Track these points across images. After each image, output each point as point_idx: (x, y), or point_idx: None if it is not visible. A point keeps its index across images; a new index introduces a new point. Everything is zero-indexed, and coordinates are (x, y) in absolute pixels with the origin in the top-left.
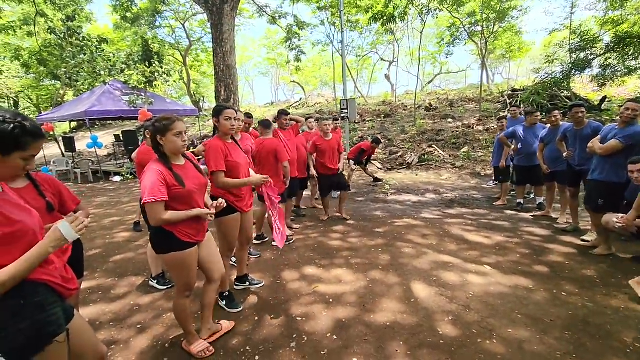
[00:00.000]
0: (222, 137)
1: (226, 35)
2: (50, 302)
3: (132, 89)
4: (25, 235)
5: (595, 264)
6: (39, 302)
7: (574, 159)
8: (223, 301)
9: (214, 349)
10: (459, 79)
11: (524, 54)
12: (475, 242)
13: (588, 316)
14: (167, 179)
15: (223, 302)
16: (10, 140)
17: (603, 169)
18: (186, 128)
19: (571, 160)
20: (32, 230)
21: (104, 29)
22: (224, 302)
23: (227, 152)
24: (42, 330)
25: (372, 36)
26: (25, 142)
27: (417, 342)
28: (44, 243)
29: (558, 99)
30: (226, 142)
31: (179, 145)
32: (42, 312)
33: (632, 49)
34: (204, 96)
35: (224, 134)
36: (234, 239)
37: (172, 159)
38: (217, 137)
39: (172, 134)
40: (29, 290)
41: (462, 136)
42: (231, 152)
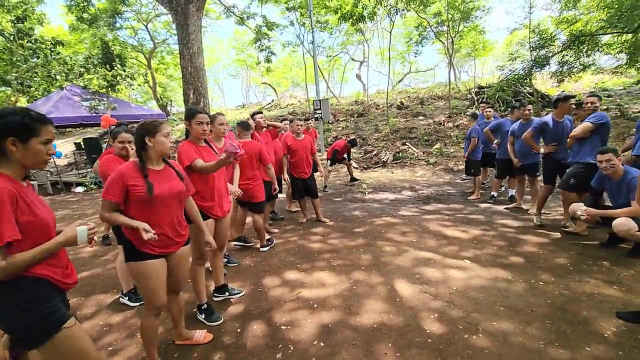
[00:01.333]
0: (193, 141)
1: (192, 36)
2: (50, 296)
3: (92, 94)
4: (42, 227)
5: (566, 252)
6: (40, 296)
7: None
8: (202, 314)
9: None
10: (428, 77)
11: (488, 52)
12: (454, 237)
13: (565, 304)
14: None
15: (202, 315)
16: (23, 128)
17: (578, 152)
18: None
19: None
20: (47, 223)
21: (58, 31)
22: (203, 315)
23: (199, 153)
24: (44, 320)
25: (342, 36)
26: (36, 127)
27: (405, 343)
28: (59, 240)
29: (521, 94)
30: (198, 145)
31: (168, 145)
32: (42, 305)
33: (586, 46)
34: (171, 100)
35: (196, 139)
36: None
37: (151, 163)
38: (188, 141)
39: (162, 135)
40: (31, 285)
41: (434, 133)
42: (203, 154)
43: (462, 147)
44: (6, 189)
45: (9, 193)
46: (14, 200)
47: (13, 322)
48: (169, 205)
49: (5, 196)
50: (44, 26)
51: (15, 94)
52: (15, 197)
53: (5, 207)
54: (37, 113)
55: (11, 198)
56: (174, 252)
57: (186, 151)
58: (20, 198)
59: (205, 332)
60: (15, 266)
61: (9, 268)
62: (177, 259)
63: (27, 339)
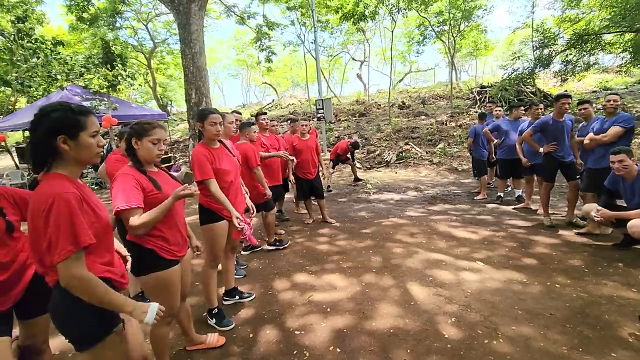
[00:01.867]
0: (207, 143)
1: (195, 35)
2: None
3: (93, 94)
4: (104, 228)
5: (580, 253)
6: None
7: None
8: (212, 319)
9: None
10: (428, 77)
11: (489, 52)
12: (464, 238)
13: (585, 307)
14: (143, 183)
15: (213, 320)
16: (69, 123)
17: (603, 156)
18: (166, 138)
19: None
20: (108, 224)
21: (58, 31)
22: (214, 320)
23: (212, 159)
24: (100, 322)
25: (343, 36)
26: (82, 120)
27: (424, 349)
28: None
29: (524, 94)
30: (212, 148)
31: (154, 154)
32: (102, 307)
33: (590, 45)
34: (171, 100)
35: (209, 140)
36: (220, 248)
37: (147, 165)
38: (201, 144)
39: (149, 140)
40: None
41: (437, 133)
42: (217, 158)
43: (465, 146)
44: (72, 192)
45: (75, 196)
46: (80, 202)
47: (72, 322)
48: (177, 205)
49: (72, 199)
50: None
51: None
52: (81, 200)
53: (75, 211)
54: (77, 105)
55: (78, 200)
56: (184, 255)
57: (200, 164)
58: (84, 200)
59: (217, 335)
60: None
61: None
62: (185, 262)
63: (79, 341)
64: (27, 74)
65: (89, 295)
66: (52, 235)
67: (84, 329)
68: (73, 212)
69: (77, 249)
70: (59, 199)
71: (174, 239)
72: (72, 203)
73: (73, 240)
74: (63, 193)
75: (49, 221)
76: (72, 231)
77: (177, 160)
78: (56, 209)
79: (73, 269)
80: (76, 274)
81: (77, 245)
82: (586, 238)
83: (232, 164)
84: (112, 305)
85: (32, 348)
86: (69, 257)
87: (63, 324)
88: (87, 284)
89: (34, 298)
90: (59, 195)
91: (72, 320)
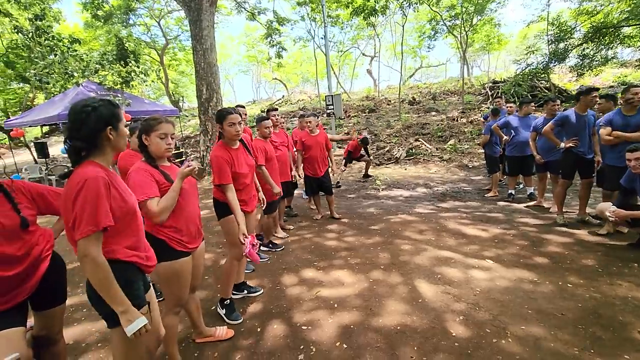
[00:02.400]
0: (227, 143)
1: (206, 32)
2: (137, 279)
3: (107, 90)
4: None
5: (593, 252)
6: (129, 279)
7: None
8: (223, 309)
9: None
10: (439, 72)
11: (502, 46)
12: (473, 236)
13: (597, 308)
14: (156, 176)
15: (223, 310)
16: (115, 115)
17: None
18: (174, 132)
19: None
20: (135, 209)
21: (74, 29)
22: (224, 310)
23: (231, 161)
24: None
25: (353, 31)
26: (120, 113)
27: (431, 347)
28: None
29: (538, 89)
30: (231, 149)
31: (162, 147)
32: (130, 287)
33: (608, 38)
34: (183, 96)
35: (230, 140)
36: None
37: (158, 160)
38: (221, 145)
39: (156, 135)
40: (123, 267)
41: (448, 129)
42: (235, 161)
43: (477, 143)
44: (102, 177)
45: (104, 181)
46: (108, 187)
47: (102, 300)
48: (191, 196)
49: (101, 184)
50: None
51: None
52: (109, 185)
53: (102, 195)
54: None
55: (106, 186)
56: (198, 247)
57: (219, 168)
58: (112, 186)
59: (226, 328)
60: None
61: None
62: (198, 254)
63: (109, 318)
64: (44, 70)
65: (94, 277)
66: (77, 214)
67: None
68: (99, 196)
69: (97, 230)
70: (89, 182)
71: (186, 231)
72: (100, 187)
73: (94, 222)
74: (94, 177)
75: (77, 202)
76: (95, 213)
77: (188, 156)
78: (85, 191)
79: (89, 248)
80: (91, 252)
81: (97, 226)
82: (600, 237)
83: (249, 166)
84: (110, 296)
85: (47, 338)
86: (89, 235)
87: (95, 301)
88: (96, 265)
89: (48, 290)
90: (90, 179)
91: (101, 298)
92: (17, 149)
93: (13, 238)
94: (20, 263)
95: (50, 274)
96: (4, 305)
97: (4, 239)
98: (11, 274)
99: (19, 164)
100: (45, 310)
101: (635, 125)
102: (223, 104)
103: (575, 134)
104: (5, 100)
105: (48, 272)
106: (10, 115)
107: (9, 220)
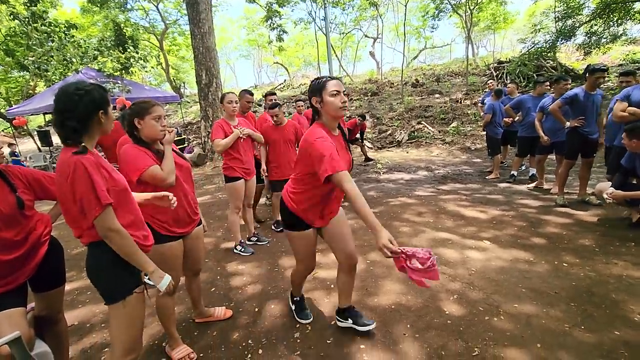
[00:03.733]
0: (226, 118)
1: (203, 15)
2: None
3: (107, 77)
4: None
5: (592, 232)
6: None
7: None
8: (239, 247)
9: (195, 355)
10: (444, 53)
11: (508, 25)
12: (472, 218)
13: (591, 286)
14: (148, 153)
15: (238, 248)
16: (106, 99)
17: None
18: (165, 115)
19: (586, 128)
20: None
21: (71, 14)
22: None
23: (225, 129)
24: (126, 280)
25: (355, 12)
26: (108, 98)
27: (424, 324)
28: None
29: (544, 69)
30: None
31: (158, 129)
32: (129, 266)
33: (617, 14)
34: (184, 82)
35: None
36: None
37: (151, 144)
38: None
39: (151, 117)
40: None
41: (451, 111)
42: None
43: (480, 125)
44: (88, 158)
45: (91, 162)
46: (98, 168)
47: (101, 277)
48: (182, 181)
49: (90, 165)
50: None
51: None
52: (98, 166)
53: (94, 175)
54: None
55: (95, 166)
56: (190, 232)
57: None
58: (101, 166)
59: (224, 309)
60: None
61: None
62: (193, 239)
63: (106, 294)
64: (43, 57)
65: (121, 246)
66: (81, 200)
67: (110, 285)
68: (92, 176)
69: (103, 208)
70: (79, 165)
71: (173, 216)
72: (89, 167)
73: (97, 202)
74: (81, 158)
75: (75, 188)
76: (95, 192)
77: (190, 142)
78: (78, 175)
79: (108, 223)
80: (111, 226)
81: (101, 205)
82: (600, 218)
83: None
84: (138, 261)
85: (48, 318)
86: (101, 213)
87: (94, 278)
88: (120, 235)
89: (47, 272)
90: (78, 162)
91: (100, 276)
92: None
93: (12, 223)
94: (18, 248)
95: (49, 258)
96: (4, 287)
97: (3, 223)
98: (11, 257)
99: (23, 152)
100: (44, 292)
101: None
102: (224, 89)
103: (582, 113)
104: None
105: (47, 256)
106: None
107: (7, 205)
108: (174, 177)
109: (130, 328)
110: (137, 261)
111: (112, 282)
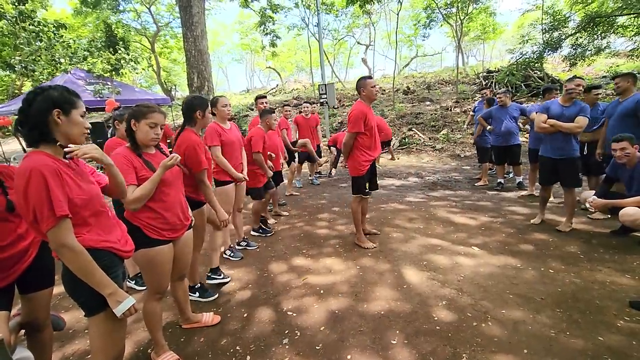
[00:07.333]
0: (220, 122)
1: (196, 18)
2: (113, 265)
3: (97, 78)
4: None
5: (577, 240)
6: (105, 265)
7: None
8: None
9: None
10: (435, 61)
11: (497, 35)
12: (462, 224)
13: (576, 292)
14: (135, 163)
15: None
16: (65, 100)
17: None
18: (164, 123)
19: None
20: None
21: (61, 14)
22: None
23: (220, 132)
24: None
25: (348, 19)
26: (74, 99)
27: (413, 330)
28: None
29: (531, 79)
30: (222, 125)
31: (150, 137)
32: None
33: (601, 28)
34: (175, 84)
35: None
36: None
37: (143, 148)
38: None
39: (146, 123)
40: (96, 256)
41: (441, 118)
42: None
43: (470, 132)
44: (48, 166)
45: (50, 170)
46: (58, 176)
47: (77, 289)
48: (174, 186)
49: (48, 173)
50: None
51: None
52: (59, 173)
53: (51, 184)
54: (65, 87)
55: (55, 174)
56: (181, 236)
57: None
58: (65, 175)
59: (212, 315)
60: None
61: (134, 204)
62: (183, 243)
63: (84, 307)
64: (30, 57)
65: (75, 265)
66: (34, 207)
67: (87, 297)
68: (48, 185)
69: (57, 220)
70: (35, 173)
71: (165, 220)
72: (47, 176)
73: (50, 212)
74: (39, 167)
75: (28, 195)
76: (49, 203)
77: None
78: (33, 183)
79: (61, 237)
80: (65, 241)
81: (54, 216)
82: (584, 225)
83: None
84: (95, 282)
85: (34, 324)
86: (55, 226)
87: (70, 290)
88: (74, 252)
89: (35, 273)
90: (35, 169)
91: (76, 288)
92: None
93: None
94: (6, 250)
95: (38, 258)
96: None
97: None
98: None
99: (7, 153)
100: (32, 293)
101: (568, 116)
102: (215, 93)
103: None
104: None
105: (37, 257)
106: None
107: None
108: (140, 205)
109: (112, 339)
110: (92, 282)
111: (89, 294)
